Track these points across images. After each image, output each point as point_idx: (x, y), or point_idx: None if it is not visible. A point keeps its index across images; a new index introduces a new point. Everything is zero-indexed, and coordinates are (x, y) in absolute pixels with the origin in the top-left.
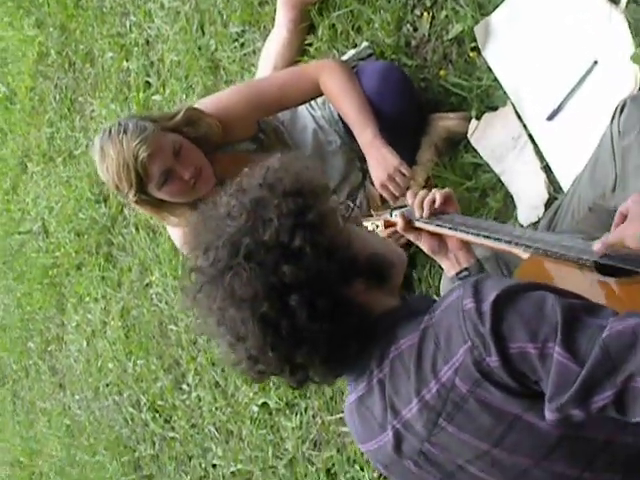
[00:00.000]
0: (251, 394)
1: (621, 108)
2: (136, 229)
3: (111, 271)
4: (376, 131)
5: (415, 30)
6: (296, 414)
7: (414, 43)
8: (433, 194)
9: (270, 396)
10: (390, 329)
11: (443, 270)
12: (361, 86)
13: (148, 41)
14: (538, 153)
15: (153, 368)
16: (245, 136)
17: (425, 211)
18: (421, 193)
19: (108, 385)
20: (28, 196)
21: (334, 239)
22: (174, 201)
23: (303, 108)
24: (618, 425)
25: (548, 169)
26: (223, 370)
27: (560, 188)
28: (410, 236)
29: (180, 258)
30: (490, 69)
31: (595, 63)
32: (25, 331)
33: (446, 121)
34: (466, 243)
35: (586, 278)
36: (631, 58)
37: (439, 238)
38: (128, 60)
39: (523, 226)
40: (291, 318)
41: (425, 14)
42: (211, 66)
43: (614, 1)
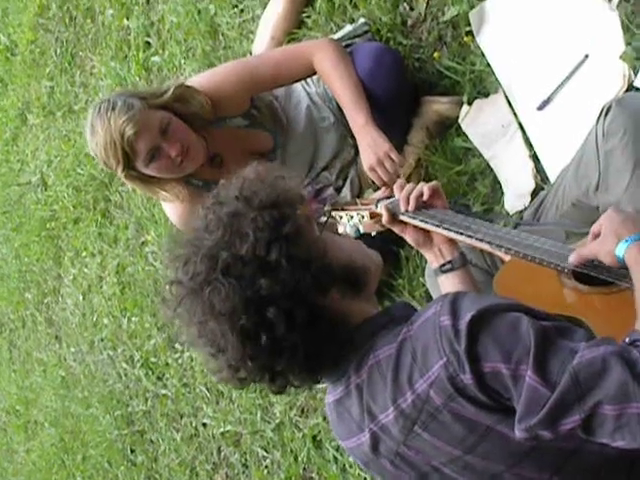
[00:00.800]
0: None
1: (606, 110)
2: (133, 188)
3: (108, 227)
4: (368, 115)
5: (412, 9)
6: None
7: (410, 22)
8: (420, 188)
9: None
10: (369, 337)
11: None
12: (354, 67)
13: (149, 0)
14: (527, 141)
15: (147, 326)
16: (237, 112)
17: (411, 205)
18: (408, 186)
19: (103, 340)
20: (28, 148)
21: (310, 249)
22: (162, 177)
23: (298, 84)
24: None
25: (536, 158)
26: None
27: (547, 178)
28: (395, 229)
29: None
30: (484, 54)
31: (586, 57)
32: (22, 282)
33: (438, 105)
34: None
35: (564, 284)
36: (620, 57)
37: (424, 231)
38: (129, 18)
39: (509, 213)
40: (269, 330)
41: None
42: (210, 31)
43: None
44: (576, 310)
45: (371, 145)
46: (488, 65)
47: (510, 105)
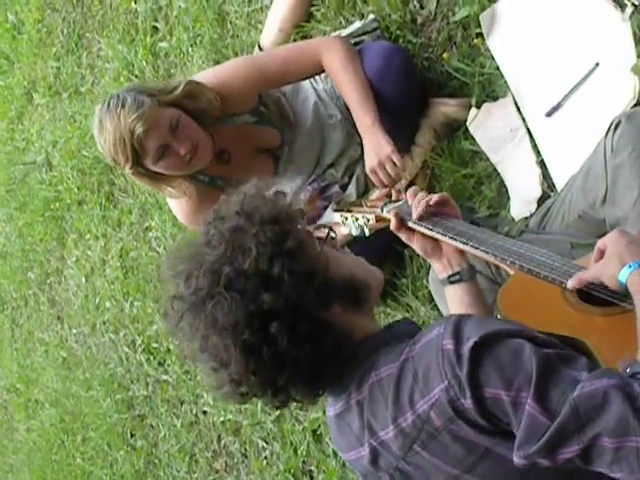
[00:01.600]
0: None
1: (616, 125)
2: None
3: (112, 211)
4: (375, 116)
5: (422, 8)
6: None
7: (420, 20)
8: (431, 196)
9: None
10: (372, 354)
11: None
12: (363, 66)
13: None
14: (535, 148)
15: (149, 311)
16: (245, 109)
17: (420, 210)
18: (421, 194)
19: (105, 323)
20: (33, 127)
21: (312, 264)
22: (170, 174)
23: (305, 81)
24: None
25: (543, 165)
26: None
27: (554, 185)
28: (402, 236)
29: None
30: (493, 57)
31: (597, 65)
32: (25, 261)
33: (446, 107)
34: None
35: (567, 301)
36: (632, 69)
37: (432, 240)
38: (136, 2)
39: (515, 220)
40: (272, 344)
41: None
42: (218, 18)
43: (620, 6)
44: (578, 329)
45: (375, 147)
46: (497, 68)
47: (519, 110)
